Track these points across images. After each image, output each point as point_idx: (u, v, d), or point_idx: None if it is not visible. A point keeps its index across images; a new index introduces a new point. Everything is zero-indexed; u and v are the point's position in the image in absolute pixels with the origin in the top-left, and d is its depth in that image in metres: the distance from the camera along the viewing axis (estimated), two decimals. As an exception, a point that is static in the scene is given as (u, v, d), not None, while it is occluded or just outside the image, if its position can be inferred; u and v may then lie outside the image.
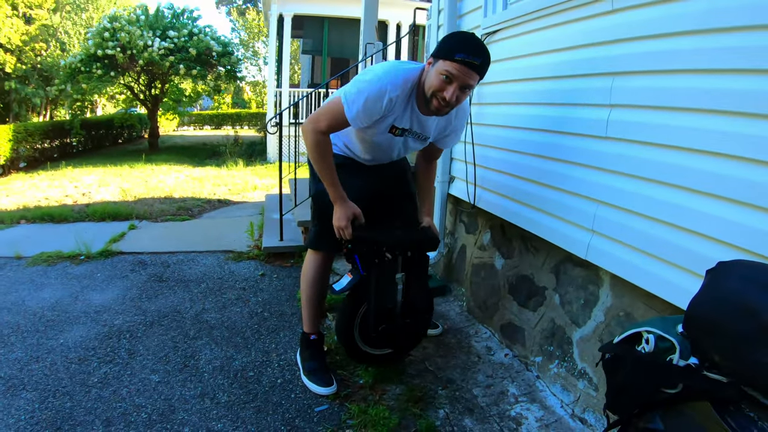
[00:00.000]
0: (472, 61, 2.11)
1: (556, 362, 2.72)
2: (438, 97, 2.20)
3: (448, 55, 2.12)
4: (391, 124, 2.40)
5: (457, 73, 2.13)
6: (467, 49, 2.11)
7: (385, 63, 2.38)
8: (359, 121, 2.30)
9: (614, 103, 2.18)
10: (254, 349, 3.15)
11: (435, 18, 3.97)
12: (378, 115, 2.30)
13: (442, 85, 2.17)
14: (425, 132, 2.51)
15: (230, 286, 4.19)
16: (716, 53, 1.73)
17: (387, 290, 2.63)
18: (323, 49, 15.22)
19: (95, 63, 14.51)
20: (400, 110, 2.35)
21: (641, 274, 2.07)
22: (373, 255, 2.56)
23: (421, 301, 2.77)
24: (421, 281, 2.75)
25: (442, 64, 2.14)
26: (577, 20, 2.45)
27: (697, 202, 1.81)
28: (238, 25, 41.86)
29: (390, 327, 2.69)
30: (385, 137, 2.47)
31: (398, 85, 2.24)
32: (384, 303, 2.63)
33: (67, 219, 6.56)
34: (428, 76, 2.22)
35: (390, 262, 2.60)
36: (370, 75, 2.27)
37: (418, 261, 2.70)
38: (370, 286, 2.59)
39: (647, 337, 1.53)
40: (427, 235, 2.71)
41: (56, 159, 14.38)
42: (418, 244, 2.67)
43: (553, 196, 2.60)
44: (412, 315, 2.74)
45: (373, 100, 2.23)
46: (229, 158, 13.86)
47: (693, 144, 1.82)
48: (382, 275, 2.59)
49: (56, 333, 3.33)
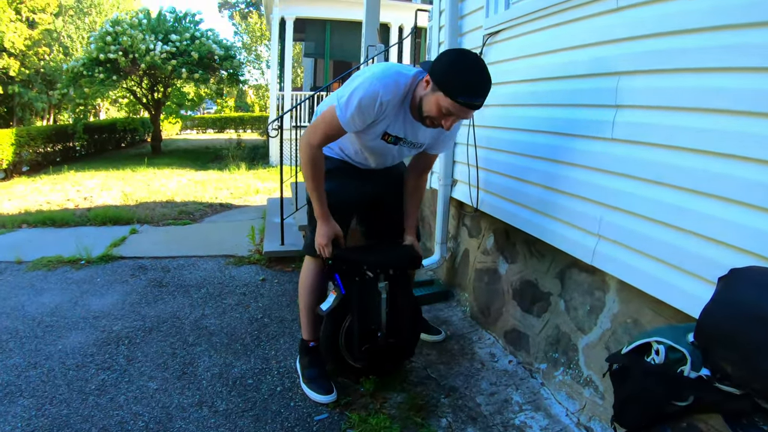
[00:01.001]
0: (474, 103, 2.09)
1: (561, 369, 2.67)
2: (434, 122, 2.21)
3: (450, 93, 2.07)
4: (383, 131, 2.37)
5: (457, 112, 2.11)
6: (471, 91, 2.08)
7: (377, 65, 2.33)
8: (353, 124, 2.27)
9: (620, 104, 2.13)
10: (254, 356, 3.09)
11: (436, 19, 3.93)
12: (371, 118, 2.26)
13: (439, 115, 2.16)
14: (418, 140, 2.49)
15: (230, 291, 4.14)
16: (726, 51, 1.67)
17: (369, 309, 2.62)
18: (325, 52, 15.22)
19: (97, 67, 14.55)
20: (392, 116, 2.31)
21: (649, 280, 2.01)
22: (353, 274, 2.56)
23: (407, 318, 2.74)
24: (405, 300, 2.72)
25: (442, 99, 2.09)
26: (580, 19, 2.40)
27: (707, 205, 1.75)
28: (240, 29, 41.94)
29: (374, 348, 2.66)
30: (378, 144, 2.44)
31: (390, 90, 2.20)
32: (367, 323, 2.62)
33: (69, 223, 6.53)
34: (426, 99, 2.18)
35: (371, 281, 2.59)
36: (361, 78, 2.24)
37: (400, 279, 2.67)
38: (352, 305, 2.58)
39: (657, 347, 1.48)
40: (409, 253, 2.71)
41: (59, 163, 14.40)
42: (399, 261, 2.66)
43: (558, 199, 2.54)
44: (397, 334, 2.70)
45: (366, 103, 2.20)
46: (231, 162, 13.85)
47: (703, 145, 1.76)
48: (363, 294, 2.58)
49: (55, 339, 3.28)
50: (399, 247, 2.74)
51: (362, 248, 2.64)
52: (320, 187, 2.45)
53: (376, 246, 2.72)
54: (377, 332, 2.63)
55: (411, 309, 2.78)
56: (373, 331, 2.63)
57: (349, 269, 2.55)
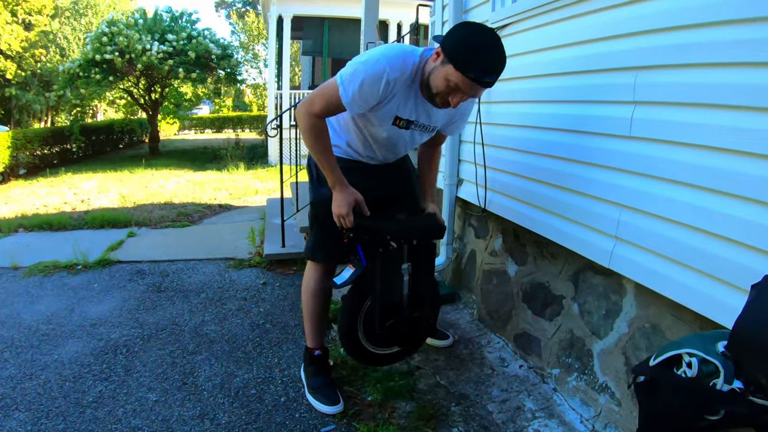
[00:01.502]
0: (486, 80, 1.95)
1: (575, 375, 2.58)
2: (442, 99, 2.06)
3: (461, 66, 1.92)
4: (394, 114, 2.22)
5: (465, 89, 1.97)
6: (484, 66, 1.93)
7: (384, 45, 2.19)
8: (355, 105, 2.12)
9: (638, 100, 2.03)
10: (256, 365, 3.00)
11: (439, 14, 3.82)
12: (375, 99, 2.11)
13: (448, 91, 2.01)
14: (432, 122, 2.34)
15: (231, 296, 4.05)
16: (757, 45, 1.57)
17: (393, 282, 2.46)
18: (323, 49, 15.14)
19: (94, 68, 14.46)
20: (402, 97, 2.17)
21: (670, 284, 1.92)
22: (376, 244, 2.37)
23: (429, 293, 2.61)
24: (428, 271, 2.59)
25: (452, 72, 1.94)
26: (595, 11, 2.29)
27: (732, 206, 1.66)
28: (237, 28, 41.82)
29: (397, 322, 2.50)
30: (390, 131, 2.29)
31: (397, 67, 2.06)
32: (390, 296, 2.46)
33: (66, 227, 6.45)
34: (434, 73, 2.03)
35: (395, 252, 2.42)
36: (368, 56, 2.09)
37: (424, 250, 2.53)
38: (375, 278, 2.40)
39: (689, 360, 1.40)
40: (433, 221, 2.54)
41: (56, 165, 14.32)
42: (424, 231, 2.51)
43: (572, 200, 2.44)
44: (420, 308, 2.57)
45: (371, 82, 2.05)
46: (230, 162, 13.76)
47: (728, 144, 1.67)
48: (386, 266, 2.41)
49: (51, 348, 3.19)
50: (423, 216, 2.58)
51: (384, 217, 2.43)
52: (327, 151, 2.26)
53: (398, 215, 2.51)
54: (400, 306, 2.51)
55: (433, 284, 2.66)
56: (395, 305, 2.49)
57: (371, 239, 2.37)
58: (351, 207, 2.29)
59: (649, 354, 2.13)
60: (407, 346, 2.72)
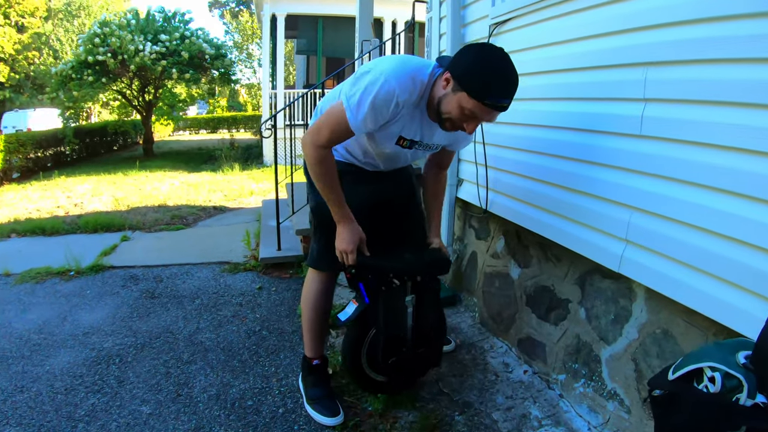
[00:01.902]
0: (502, 104, 1.86)
1: (582, 381, 2.50)
2: (455, 124, 1.98)
3: (476, 94, 1.83)
4: (398, 134, 2.12)
5: (482, 115, 1.89)
6: (500, 91, 1.85)
7: (390, 58, 2.05)
8: (364, 127, 2.02)
9: (649, 98, 1.94)
10: (253, 374, 2.90)
11: (437, 10, 3.73)
12: (383, 120, 2.01)
13: (462, 117, 1.92)
14: (434, 141, 2.25)
15: (226, 302, 3.95)
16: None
17: (396, 318, 2.38)
18: (318, 48, 15.06)
19: (86, 69, 14.32)
20: (408, 117, 2.07)
21: (683, 289, 1.84)
22: (379, 282, 2.31)
23: (434, 329, 2.52)
24: (433, 304, 2.50)
25: (467, 100, 1.85)
26: (602, 5, 2.20)
27: (750, 209, 1.59)
28: (231, 28, 41.70)
29: (401, 359, 2.43)
30: (392, 149, 2.21)
31: (407, 88, 1.95)
32: (393, 333, 2.38)
33: (59, 231, 6.34)
34: (446, 99, 1.93)
35: (398, 289, 2.36)
36: (375, 74, 1.94)
37: (428, 285, 2.46)
38: (378, 315, 2.34)
39: (712, 375, 1.32)
40: (438, 257, 2.48)
41: (50, 168, 14.17)
42: (428, 268, 2.44)
43: (579, 201, 2.35)
44: (425, 343, 2.49)
45: (380, 105, 1.94)
46: (224, 162, 13.66)
47: (744, 144, 1.59)
48: (389, 303, 2.34)
49: (42, 359, 3.10)
50: (426, 252, 2.50)
51: (387, 254, 2.38)
52: (335, 186, 2.17)
53: (402, 251, 2.46)
54: (404, 342, 2.43)
55: (439, 316, 2.57)
56: (399, 341, 2.41)
57: (374, 277, 2.31)
58: (356, 245, 2.24)
59: (660, 361, 2.07)
60: (412, 377, 2.64)
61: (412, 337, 2.46)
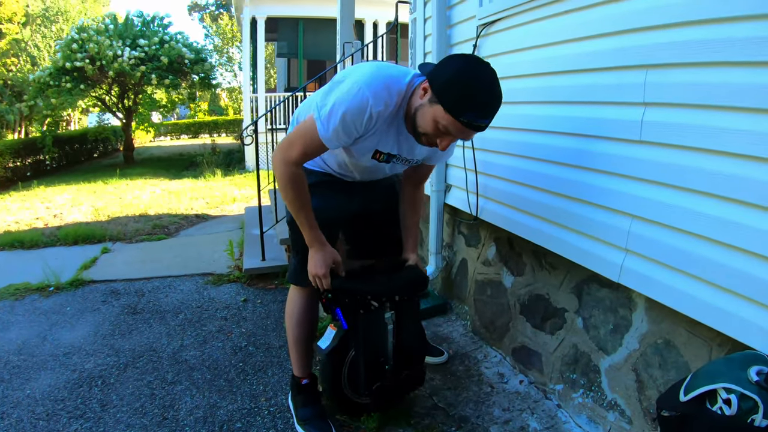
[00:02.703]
0: (479, 124, 1.74)
1: (580, 391, 2.43)
2: (429, 140, 1.87)
3: (453, 109, 1.71)
4: (374, 149, 2.02)
5: (456, 132, 1.77)
6: (478, 109, 1.72)
7: (365, 66, 1.93)
8: (336, 141, 1.90)
9: (649, 101, 1.87)
10: (240, 394, 2.80)
11: (421, 10, 3.64)
12: (357, 133, 1.89)
13: (437, 133, 1.81)
14: (414, 156, 2.14)
15: (210, 316, 3.84)
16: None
17: (376, 343, 2.31)
18: (299, 51, 14.95)
19: (64, 76, 14.12)
20: (384, 131, 1.96)
21: (686, 300, 1.78)
22: (356, 306, 2.22)
23: (415, 345, 2.44)
24: (413, 319, 2.42)
25: (443, 115, 1.74)
26: (598, 4, 2.12)
27: (755, 218, 1.53)
28: (211, 32, 41.41)
29: (384, 385, 2.34)
30: (369, 162, 2.10)
31: (381, 99, 1.83)
32: (374, 357, 2.30)
33: (38, 244, 6.19)
34: (421, 111, 1.82)
35: (376, 311, 2.27)
36: (349, 83, 1.84)
37: (407, 305, 2.37)
38: (357, 340, 2.26)
39: (728, 397, 1.28)
40: (415, 274, 2.38)
41: (29, 178, 13.97)
42: (405, 287, 2.34)
43: (576, 209, 2.27)
44: (408, 362, 2.40)
45: (352, 117, 1.82)
46: (206, 168, 13.53)
47: (749, 150, 1.53)
48: (369, 327, 2.26)
49: (22, 382, 2.97)
50: (403, 271, 2.40)
51: (363, 275, 2.28)
52: (306, 207, 2.06)
53: (378, 270, 2.36)
54: (385, 366, 2.34)
55: (420, 335, 2.49)
56: (381, 365, 2.32)
57: (351, 301, 2.21)
58: (329, 267, 2.13)
59: (662, 371, 2.01)
60: (396, 398, 2.55)
61: (394, 356, 2.38)
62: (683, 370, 1.90)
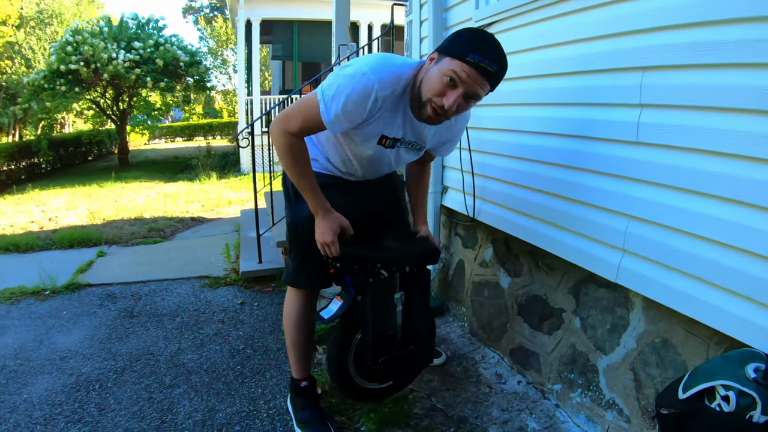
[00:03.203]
0: (487, 66, 1.73)
1: (579, 391, 2.44)
2: (434, 103, 1.82)
3: (459, 52, 1.73)
4: (380, 133, 2.00)
5: (465, 77, 1.75)
6: (484, 50, 1.73)
7: (372, 55, 1.94)
8: (338, 124, 1.90)
9: (645, 103, 1.88)
10: (239, 397, 2.79)
11: (416, 12, 3.64)
12: (361, 118, 1.89)
13: (442, 88, 1.78)
14: (420, 141, 2.13)
15: (208, 319, 3.83)
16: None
17: (385, 314, 2.24)
18: (293, 53, 14.97)
19: (59, 79, 14.09)
20: (389, 115, 1.95)
21: (683, 299, 1.79)
22: (366, 274, 2.18)
23: (425, 324, 2.39)
24: (423, 300, 2.38)
25: (449, 62, 1.76)
26: (594, 7, 2.13)
27: (751, 217, 1.55)
28: (206, 34, 41.37)
29: (392, 358, 2.28)
30: (374, 149, 2.08)
31: (388, 83, 1.84)
32: (383, 329, 2.24)
33: (33, 248, 6.17)
34: (428, 75, 1.83)
35: (386, 281, 2.23)
36: (353, 68, 1.84)
37: (417, 277, 2.32)
38: (366, 310, 2.19)
39: (726, 394, 1.31)
40: (427, 246, 2.34)
41: (24, 181, 13.96)
42: (417, 257, 2.29)
43: (573, 210, 2.28)
44: (416, 340, 2.37)
45: (356, 100, 1.83)
46: (201, 171, 13.50)
47: (745, 151, 1.55)
48: (378, 297, 2.19)
49: (19, 387, 2.96)
50: (415, 241, 2.37)
51: (373, 243, 2.23)
52: (307, 174, 2.04)
53: (388, 240, 2.31)
54: (394, 339, 2.31)
55: (428, 310, 2.44)
56: (390, 338, 2.28)
57: (360, 269, 2.17)
58: (336, 234, 2.09)
59: (660, 370, 2.02)
60: (403, 380, 2.54)
61: (402, 335, 2.36)
62: (681, 369, 1.91)
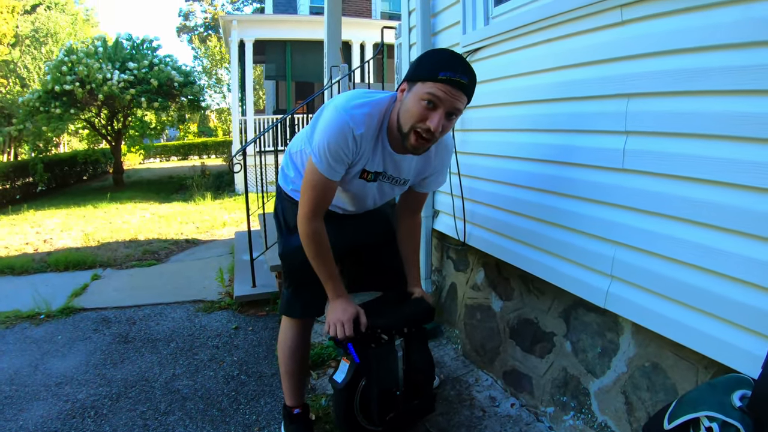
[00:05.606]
0: (459, 79, 1.78)
1: (571, 414, 2.45)
2: (420, 129, 1.85)
3: (430, 74, 1.78)
4: (361, 168, 2.06)
5: (443, 95, 1.79)
6: (453, 66, 1.79)
7: (341, 95, 2.00)
8: (334, 171, 1.96)
9: (631, 130, 1.91)
10: (233, 423, 2.79)
11: (406, 36, 3.70)
12: (348, 158, 1.95)
13: (423, 113, 1.82)
14: (401, 174, 2.17)
15: (202, 344, 3.83)
16: (756, 71, 1.47)
17: (388, 373, 2.31)
18: (287, 73, 15.06)
19: (54, 101, 14.10)
20: (369, 150, 2.00)
21: (670, 325, 1.81)
22: (367, 340, 2.24)
23: (425, 370, 2.46)
24: (422, 354, 2.45)
25: (422, 87, 1.80)
26: (580, 33, 2.16)
27: (737, 244, 1.57)
28: (200, 53, 41.56)
29: (397, 414, 2.35)
30: (357, 184, 2.13)
31: (361, 120, 1.90)
32: (387, 387, 2.30)
33: (28, 270, 6.16)
34: (404, 106, 1.87)
35: (387, 344, 2.30)
36: (327, 113, 1.94)
37: (416, 335, 2.42)
38: (371, 370, 2.26)
39: (710, 425, 1.30)
40: (423, 306, 2.43)
41: (19, 201, 13.92)
42: (414, 318, 2.40)
43: (562, 236, 2.31)
44: (417, 390, 2.43)
45: (337, 142, 1.89)
46: (196, 191, 13.51)
47: (728, 177, 1.57)
48: (381, 359, 2.27)
49: (15, 413, 2.95)
50: (410, 303, 2.45)
51: (372, 310, 2.29)
52: (328, 262, 2.11)
53: (385, 303, 2.41)
54: (396, 394, 2.35)
55: (428, 361, 2.50)
56: (393, 395, 2.33)
57: (362, 336, 2.22)
58: (353, 318, 2.13)
59: (650, 394, 2.04)
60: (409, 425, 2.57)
61: (405, 383, 2.40)
62: (671, 392, 1.93)
